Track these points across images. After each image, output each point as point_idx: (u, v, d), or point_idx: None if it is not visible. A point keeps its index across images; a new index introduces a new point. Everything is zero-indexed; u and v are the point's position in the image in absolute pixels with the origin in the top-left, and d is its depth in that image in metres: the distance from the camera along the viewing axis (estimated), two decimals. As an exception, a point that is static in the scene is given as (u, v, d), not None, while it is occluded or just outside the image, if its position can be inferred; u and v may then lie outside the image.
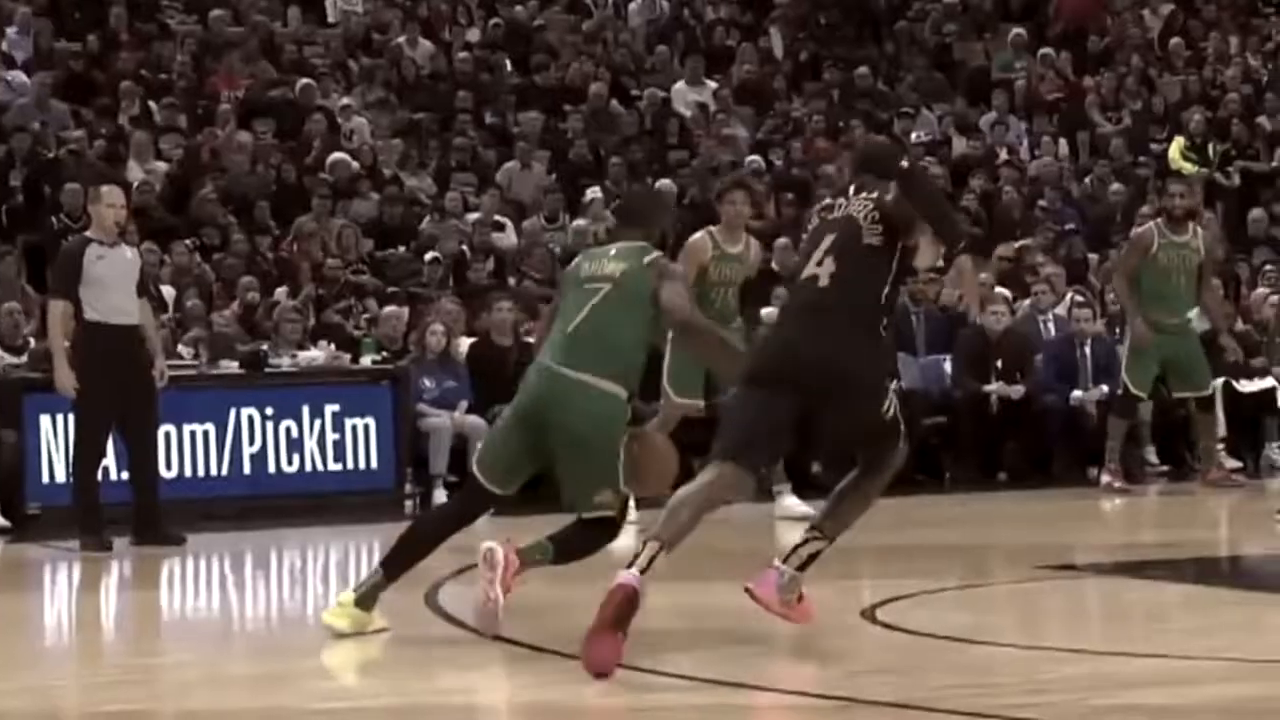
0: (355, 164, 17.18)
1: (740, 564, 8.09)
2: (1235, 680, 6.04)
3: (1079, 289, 15.16)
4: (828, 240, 6.67)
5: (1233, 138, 19.65)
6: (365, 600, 7.09)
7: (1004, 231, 17.29)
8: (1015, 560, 8.00)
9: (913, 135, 19.48)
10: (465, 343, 13.74)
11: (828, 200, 6.92)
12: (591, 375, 6.99)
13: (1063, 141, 20.11)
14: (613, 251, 7.24)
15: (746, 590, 6.89)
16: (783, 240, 16.50)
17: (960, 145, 19.77)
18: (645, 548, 6.32)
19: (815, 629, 7.53)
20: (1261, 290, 15.66)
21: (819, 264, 6.63)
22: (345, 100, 18.24)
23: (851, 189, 6.81)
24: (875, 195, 6.71)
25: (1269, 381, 13.97)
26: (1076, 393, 14.04)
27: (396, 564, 7.15)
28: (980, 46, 21.90)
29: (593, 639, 6.12)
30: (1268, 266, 16.32)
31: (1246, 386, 14.18)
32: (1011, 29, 21.77)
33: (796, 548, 6.86)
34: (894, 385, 7.36)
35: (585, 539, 7.17)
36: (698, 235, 11.12)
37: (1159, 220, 12.55)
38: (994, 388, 13.88)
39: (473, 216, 16.75)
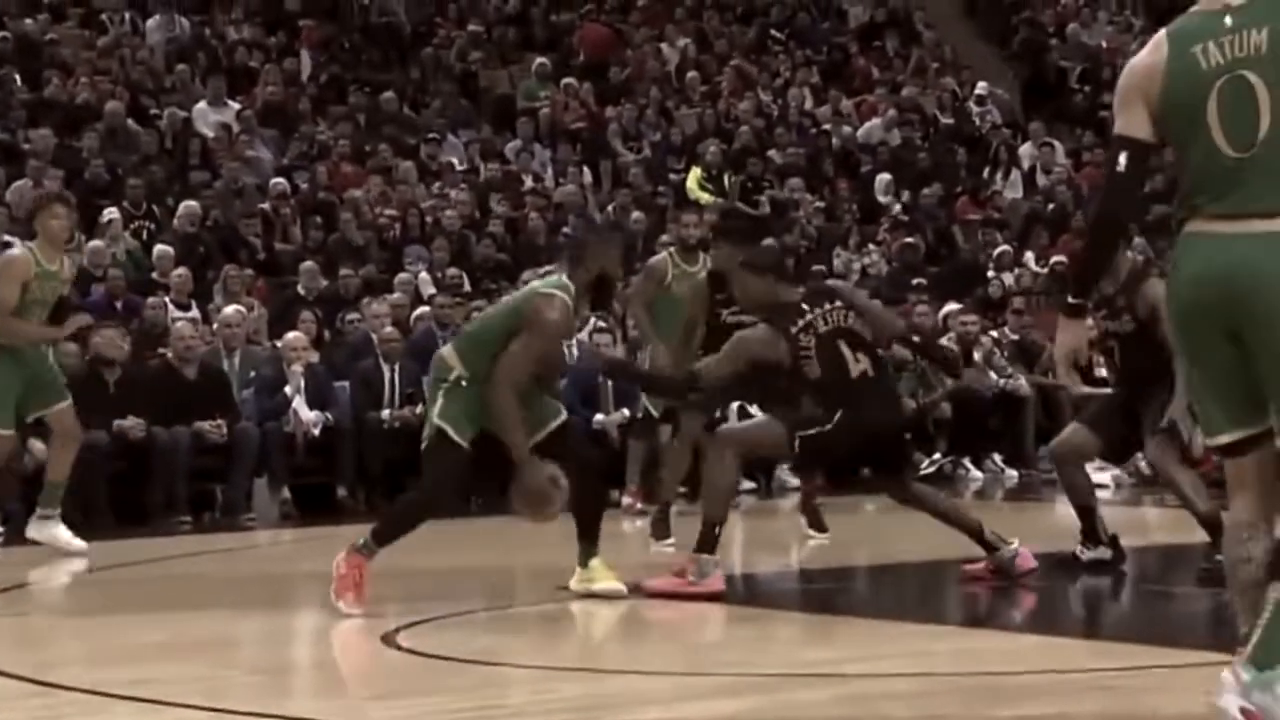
0: None
1: (316, 587, 7.91)
2: (741, 694, 6.18)
3: (601, 314, 15.30)
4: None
5: (747, 170, 20.32)
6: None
7: (530, 257, 17.45)
8: (537, 582, 8.06)
9: (441, 160, 19.52)
10: (-32, 366, 13.09)
11: (809, 317, 8.64)
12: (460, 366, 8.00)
13: (586, 169, 20.46)
14: (547, 275, 8.24)
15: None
16: (309, 264, 16.34)
17: (485, 171, 19.91)
18: None
19: (335, 654, 7.44)
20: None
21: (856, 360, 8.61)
22: None
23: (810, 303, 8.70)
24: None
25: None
26: (599, 416, 14.24)
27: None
28: (505, 74, 22.12)
29: None
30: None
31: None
32: (535, 58, 22.06)
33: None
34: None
35: None
36: (18, 251, 10.89)
37: (673, 249, 12.65)
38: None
39: (-21, 236, 16.03)
